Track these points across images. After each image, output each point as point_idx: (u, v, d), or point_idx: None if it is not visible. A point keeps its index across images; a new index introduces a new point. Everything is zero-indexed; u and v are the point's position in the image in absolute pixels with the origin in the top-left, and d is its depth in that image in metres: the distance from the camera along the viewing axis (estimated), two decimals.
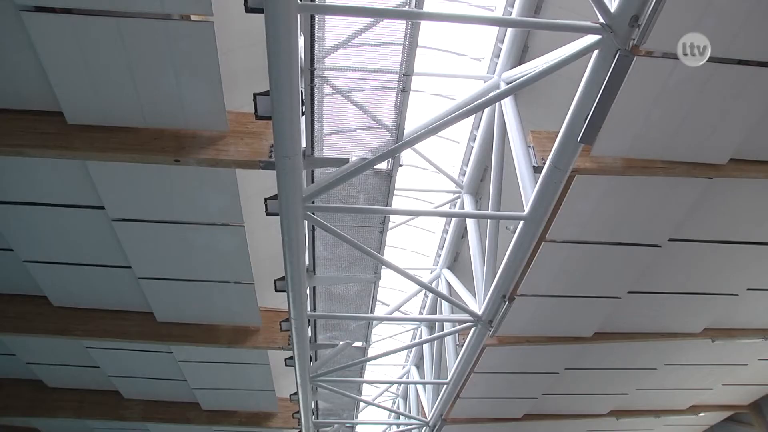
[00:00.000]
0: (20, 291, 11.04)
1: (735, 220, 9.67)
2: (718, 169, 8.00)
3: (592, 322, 11.70)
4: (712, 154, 7.82)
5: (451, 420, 15.04)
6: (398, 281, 12.10)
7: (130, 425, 17.20)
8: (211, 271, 9.88)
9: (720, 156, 7.88)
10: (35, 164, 7.81)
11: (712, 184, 8.49)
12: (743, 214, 9.55)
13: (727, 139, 7.61)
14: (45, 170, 7.99)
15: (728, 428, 19.65)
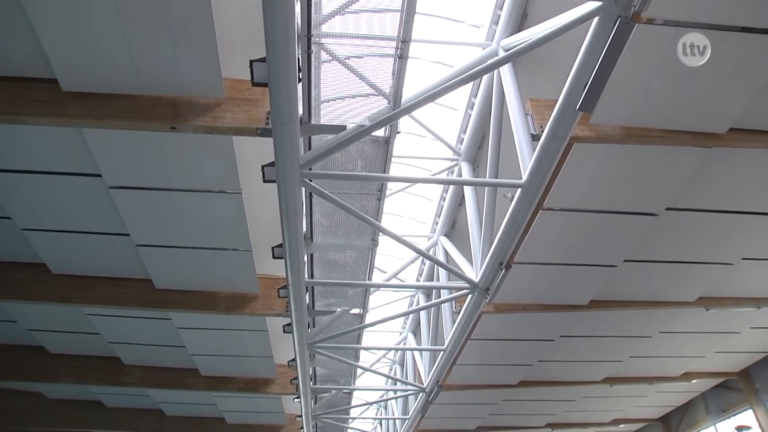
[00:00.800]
0: (20, 259, 11.08)
1: (733, 190, 9.68)
2: (718, 138, 7.98)
3: (588, 290, 11.79)
4: (711, 123, 7.79)
5: (448, 386, 15.23)
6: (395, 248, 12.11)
7: (130, 391, 17.47)
8: (209, 239, 9.92)
9: (720, 125, 7.85)
10: (31, 132, 7.77)
11: (711, 153, 8.48)
12: (741, 184, 9.56)
13: (728, 108, 7.58)
14: (41, 138, 7.96)
15: (718, 394, 19.99)
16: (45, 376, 15.84)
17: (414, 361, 16.12)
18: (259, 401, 18.29)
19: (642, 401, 20.79)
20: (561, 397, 19.04)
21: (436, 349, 13.15)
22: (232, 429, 20.95)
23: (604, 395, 19.08)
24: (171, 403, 19.33)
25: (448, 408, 18.08)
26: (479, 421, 21.06)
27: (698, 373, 18.11)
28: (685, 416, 21.95)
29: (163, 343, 14.37)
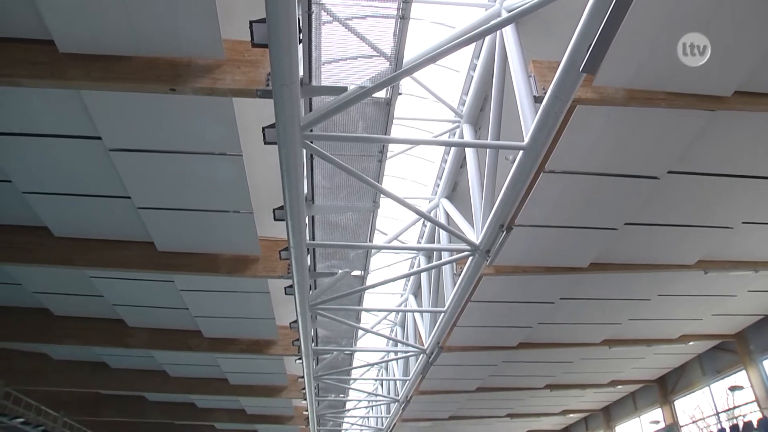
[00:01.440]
0: (22, 222, 11.11)
1: (735, 154, 9.65)
2: (723, 101, 7.91)
3: (589, 252, 11.85)
4: (716, 86, 7.72)
5: (448, 348, 15.42)
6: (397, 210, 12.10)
7: (135, 352, 17.71)
8: (210, 201, 9.93)
9: (725, 88, 7.77)
10: (28, 94, 7.71)
11: (715, 116, 8.42)
12: (744, 148, 9.53)
13: (734, 70, 7.49)
14: (39, 100, 7.90)
15: (714, 356, 20.25)
16: (50, 338, 16.05)
17: (415, 322, 16.28)
18: (261, 362, 18.54)
19: (639, 363, 21.07)
20: (560, 358, 19.28)
21: (436, 311, 13.26)
22: (235, 390, 21.30)
23: (602, 357, 19.33)
24: (175, 364, 19.60)
25: (449, 369, 18.34)
26: (479, 382, 21.39)
27: (695, 336, 18.33)
28: (681, 377, 22.27)
29: (166, 305, 14.51)
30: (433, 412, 26.02)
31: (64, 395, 23.52)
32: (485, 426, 30.59)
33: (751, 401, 18.69)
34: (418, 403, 21.56)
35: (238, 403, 24.64)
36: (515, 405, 26.34)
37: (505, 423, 29.65)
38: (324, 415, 23.69)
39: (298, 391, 20.02)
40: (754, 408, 18.38)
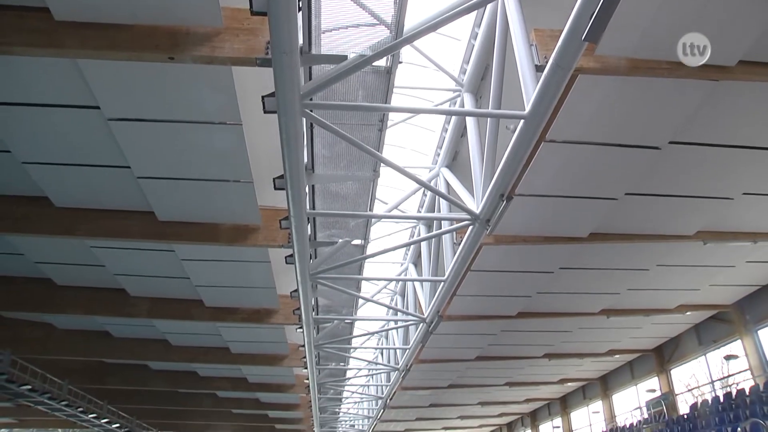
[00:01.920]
0: (23, 192, 11.12)
1: (738, 124, 9.61)
2: (726, 71, 7.84)
3: (589, 222, 11.88)
4: (720, 56, 7.64)
5: (448, 317, 15.55)
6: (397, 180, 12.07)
7: (137, 322, 17.87)
8: (210, 170, 9.93)
9: (729, 57, 7.70)
10: (25, 63, 7.64)
11: (718, 86, 8.36)
12: (747, 119, 9.48)
13: (738, 39, 7.42)
14: (36, 69, 7.84)
15: (710, 326, 20.44)
16: (54, 308, 16.20)
17: (415, 291, 16.36)
18: (262, 331, 18.72)
19: (637, 332, 21.27)
20: (558, 328, 19.47)
21: (436, 280, 13.33)
22: (237, 358, 21.53)
23: (600, 326, 19.50)
24: (177, 333, 19.80)
25: (448, 338, 18.52)
26: (478, 351, 21.62)
27: (692, 306, 18.47)
28: (678, 347, 22.51)
29: (167, 275, 14.60)
30: (432, 380, 26.36)
31: (69, 364, 23.83)
32: (484, 394, 31.01)
33: (745, 370, 18.92)
34: (417, 371, 21.81)
35: (240, 372, 24.95)
36: (514, 374, 26.66)
37: (503, 391, 30.06)
38: (325, 383, 23.95)
39: (298, 360, 20.24)
40: (748, 377, 18.61)
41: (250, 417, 36.25)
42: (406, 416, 36.43)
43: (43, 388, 22.37)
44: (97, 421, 29.72)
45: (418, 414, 35.99)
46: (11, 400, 23.49)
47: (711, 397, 19.24)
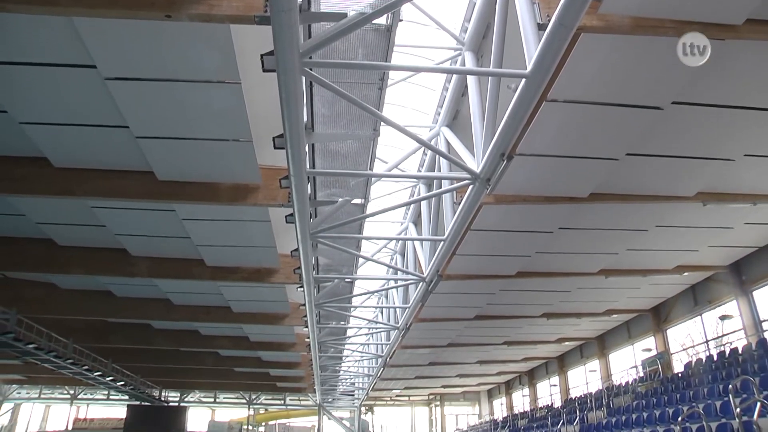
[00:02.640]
0: (21, 153, 11.06)
1: (742, 85, 9.51)
2: (733, 30, 7.72)
3: (589, 182, 11.87)
4: (728, 15, 7.53)
5: (447, 276, 15.68)
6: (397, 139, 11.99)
7: (139, 281, 18.01)
8: (209, 130, 9.87)
9: (736, 16, 7.59)
10: (20, 21, 7.52)
11: (724, 46, 8.23)
12: (752, 79, 9.38)
13: None
14: (30, 28, 7.70)
15: (707, 286, 20.63)
16: (56, 268, 16.32)
17: (415, 251, 16.45)
18: (263, 290, 18.91)
19: (634, 293, 21.49)
20: (557, 287, 19.65)
21: (436, 239, 13.38)
22: (238, 317, 21.78)
23: (598, 287, 19.69)
24: (178, 292, 19.99)
25: (448, 297, 18.71)
26: (477, 310, 21.85)
27: (690, 267, 18.60)
28: (675, 307, 22.75)
29: (168, 234, 14.66)
30: (432, 339, 26.72)
31: (73, 323, 24.15)
32: (483, 353, 31.48)
33: (739, 330, 19.17)
34: (417, 330, 22.10)
35: (242, 331, 25.27)
36: (512, 333, 27.02)
37: (502, 350, 30.50)
38: (325, 342, 24.26)
39: (299, 319, 20.47)
40: (741, 336, 18.86)
41: (252, 375, 36.82)
42: (406, 374, 37.04)
43: (49, 347, 22.78)
44: (102, 379, 30.30)
45: (417, 372, 36.59)
46: (19, 358, 23.92)
47: (705, 356, 19.51)
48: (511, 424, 31.75)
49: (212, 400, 51.97)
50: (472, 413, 51.49)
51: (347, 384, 41.23)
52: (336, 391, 42.94)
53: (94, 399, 48.66)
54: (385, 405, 53.96)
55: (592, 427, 18.54)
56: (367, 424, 50.43)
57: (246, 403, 50.62)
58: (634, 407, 17.90)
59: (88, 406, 50.40)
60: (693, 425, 11.29)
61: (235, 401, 51.89)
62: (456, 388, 47.34)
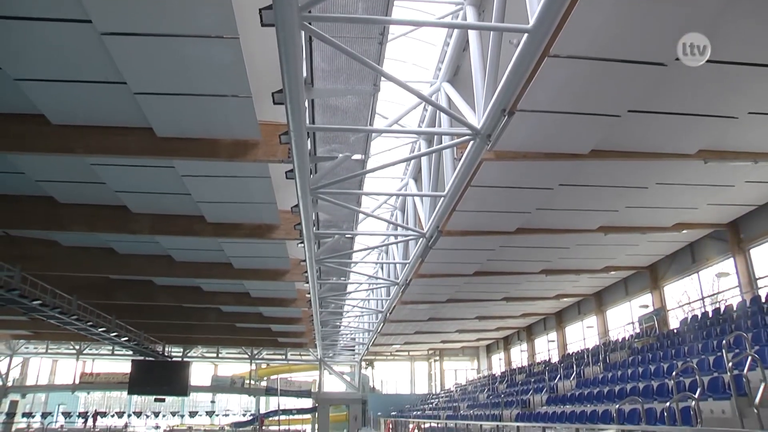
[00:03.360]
0: (18, 110, 10.97)
1: (750, 41, 9.36)
2: None
3: (590, 139, 11.82)
4: None
5: (447, 232, 15.72)
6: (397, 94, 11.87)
7: (140, 238, 18.13)
8: (208, 85, 9.78)
9: None
10: None
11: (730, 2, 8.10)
12: (760, 35, 9.23)
13: None
14: None
15: (705, 244, 20.73)
16: (57, 225, 16.41)
17: (415, 207, 16.48)
18: (264, 247, 19.04)
19: (633, 250, 21.61)
20: (556, 244, 19.75)
21: (436, 195, 13.39)
22: (240, 274, 21.97)
23: (597, 243, 19.78)
24: (180, 249, 20.13)
25: (447, 253, 18.82)
26: (477, 267, 22.02)
27: (689, 225, 18.64)
28: (673, 264, 22.91)
29: (168, 191, 14.69)
30: (431, 295, 26.99)
31: (76, 280, 24.38)
32: (482, 309, 31.84)
33: (735, 287, 19.34)
34: (417, 286, 22.32)
35: (243, 287, 25.51)
36: (511, 289, 27.27)
37: (501, 306, 30.84)
38: (326, 297, 24.52)
39: (300, 275, 20.64)
40: (737, 293, 19.05)
41: (254, 331, 37.32)
42: (406, 330, 37.52)
43: (54, 303, 23.08)
44: (106, 335, 30.79)
45: (417, 328, 37.07)
46: (25, 314, 24.28)
47: (700, 312, 19.75)
48: (509, 378, 32.30)
49: (215, 355, 52.90)
50: (471, 368, 52.43)
51: (348, 339, 41.81)
52: (336, 346, 43.59)
53: (99, 354, 49.59)
54: (385, 360, 54.87)
55: (589, 382, 18.88)
56: (367, 378, 51.40)
57: (248, 358, 51.52)
58: (629, 362, 18.20)
59: (93, 361, 51.42)
60: (686, 379, 11.49)
61: (238, 356, 52.82)
62: (455, 344, 48.04)
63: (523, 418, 18.65)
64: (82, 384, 48.47)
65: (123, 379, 45.43)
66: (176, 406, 54.07)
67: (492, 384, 34.13)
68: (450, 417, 27.18)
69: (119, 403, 54.35)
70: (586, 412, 13.92)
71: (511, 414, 20.27)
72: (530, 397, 21.61)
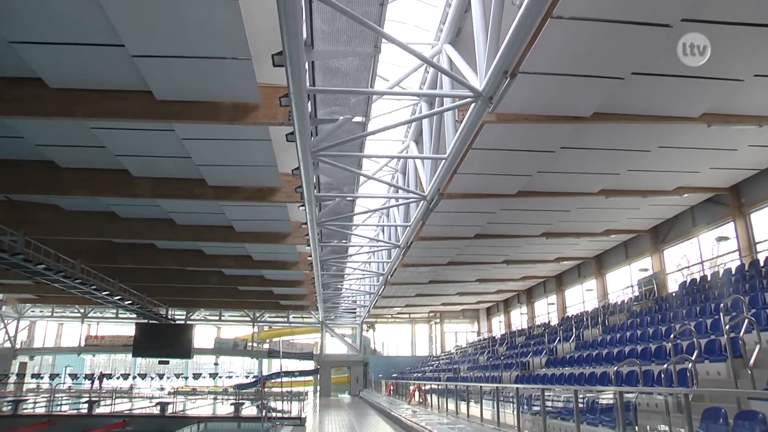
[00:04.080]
0: (15, 73, 10.86)
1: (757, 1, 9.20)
2: None
3: (593, 102, 11.71)
4: None
5: (448, 194, 15.75)
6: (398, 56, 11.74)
7: (142, 202, 18.17)
8: (207, 47, 9.66)
9: None
10: None
11: None
12: None
13: None
14: None
15: (706, 208, 20.71)
16: (59, 189, 16.41)
17: (416, 169, 16.46)
18: (265, 209, 19.07)
19: (634, 213, 21.61)
20: (557, 207, 19.76)
21: (437, 158, 13.36)
22: (241, 237, 22.06)
23: (598, 207, 19.78)
24: (181, 212, 20.18)
25: (448, 216, 18.83)
26: (477, 229, 22.06)
27: (691, 188, 18.61)
28: (673, 228, 22.94)
29: (168, 155, 14.64)
30: (432, 257, 27.11)
31: (79, 244, 24.56)
32: (482, 272, 32.02)
33: (734, 251, 19.41)
34: (417, 248, 22.44)
35: (245, 250, 25.66)
36: (511, 252, 27.38)
37: (501, 269, 31.01)
38: (327, 260, 24.69)
39: (301, 237, 20.73)
40: (736, 257, 19.12)
41: (256, 294, 37.63)
42: (406, 292, 37.83)
43: (58, 267, 23.26)
44: (110, 298, 31.11)
45: (417, 290, 37.36)
46: (30, 278, 24.50)
47: (699, 276, 19.85)
48: (509, 341, 32.69)
49: (218, 318, 53.52)
50: (471, 330, 53.03)
51: (349, 302, 42.22)
52: (338, 308, 44.04)
53: (103, 317, 50.26)
54: (386, 322, 55.47)
55: (588, 344, 19.10)
56: (368, 340, 52.05)
57: (250, 320, 52.13)
58: (628, 325, 18.37)
59: (98, 324, 52.08)
60: (684, 342, 11.63)
61: (240, 319, 53.43)
62: (455, 306, 48.49)
63: (523, 379, 18.93)
64: (87, 347, 49.24)
65: (127, 342, 46.13)
66: (180, 369, 54.93)
67: (492, 346, 34.57)
68: (450, 379, 27.61)
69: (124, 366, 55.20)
70: (584, 374, 14.12)
71: (511, 376, 20.59)
72: (530, 360, 21.93)
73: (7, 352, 46.56)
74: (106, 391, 36.72)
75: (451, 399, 18.42)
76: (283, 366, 46.41)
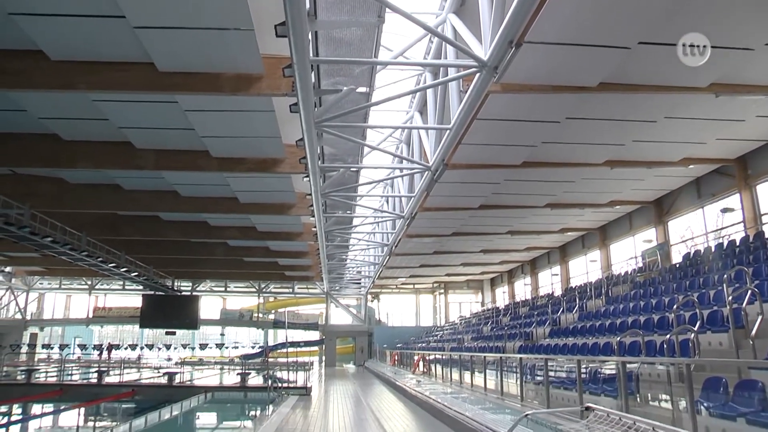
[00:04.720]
0: (15, 46, 10.77)
1: None
2: None
3: (599, 71, 11.58)
4: None
5: (453, 165, 15.69)
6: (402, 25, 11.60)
7: (146, 174, 18.17)
8: (209, 18, 9.56)
9: None
10: None
11: None
12: None
13: None
14: None
15: (711, 179, 20.60)
16: (63, 162, 16.41)
17: (420, 140, 16.39)
18: (269, 181, 19.07)
19: (639, 184, 21.53)
20: (562, 178, 19.69)
21: (442, 128, 13.29)
22: (246, 208, 22.09)
23: (603, 177, 19.71)
24: (185, 184, 20.19)
25: (453, 186, 18.80)
26: (482, 200, 22.05)
27: (696, 159, 18.49)
28: (678, 199, 22.86)
29: (172, 126, 14.59)
30: (436, 228, 27.17)
31: (85, 217, 24.65)
32: (486, 242, 32.09)
33: (739, 222, 19.35)
34: (422, 219, 22.47)
35: (249, 221, 25.73)
36: (516, 222, 27.41)
37: (505, 239, 31.06)
38: (332, 231, 24.74)
39: (306, 208, 20.74)
40: (740, 229, 19.08)
41: (261, 265, 37.83)
42: (411, 263, 37.99)
43: (64, 240, 23.41)
44: (116, 270, 31.35)
45: (422, 261, 37.51)
46: (37, 250, 24.68)
47: (704, 247, 19.84)
48: (513, 311, 32.89)
49: (223, 289, 53.94)
50: (475, 301, 53.36)
51: (354, 272, 42.43)
52: (343, 279, 44.28)
53: (110, 289, 50.74)
54: (390, 293, 55.82)
55: (591, 315, 19.20)
56: (373, 311, 52.44)
57: (256, 291, 52.52)
58: (632, 296, 18.43)
59: (105, 295, 52.57)
60: (686, 313, 11.67)
61: (246, 290, 53.82)
62: (460, 277, 48.71)
63: (526, 350, 19.09)
64: (95, 318, 49.81)
65: (135, 313, 46.62)
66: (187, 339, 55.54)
67: (496, 317, 34.81)
68: (454, 349, 27.87)
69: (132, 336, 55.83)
70: (587, 344, 14.22)
71: (514, 346, 20.76)
72: (533, 330, 22.08)
73: (18, 324, 47.39)
74: (114, 361, 37.25)
75: (455, 369, 18.63)
76: (289, 336, 46.90)
